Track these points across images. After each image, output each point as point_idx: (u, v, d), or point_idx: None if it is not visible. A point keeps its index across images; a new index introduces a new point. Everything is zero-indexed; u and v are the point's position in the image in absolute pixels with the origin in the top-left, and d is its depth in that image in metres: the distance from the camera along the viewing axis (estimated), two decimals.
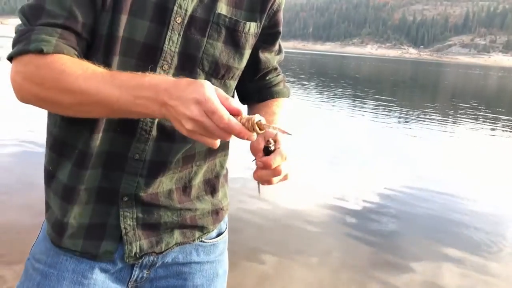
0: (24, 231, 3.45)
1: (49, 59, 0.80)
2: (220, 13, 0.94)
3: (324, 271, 3.37)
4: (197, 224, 1.04)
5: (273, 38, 1.06)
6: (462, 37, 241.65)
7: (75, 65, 0.80)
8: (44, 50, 0.79)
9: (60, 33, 0.82)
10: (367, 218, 4.53)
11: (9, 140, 6.17)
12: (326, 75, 30.02)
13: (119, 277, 0.99)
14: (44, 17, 0.83)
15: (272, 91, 1.11)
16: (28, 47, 0.80)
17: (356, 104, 15.06)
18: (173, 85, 0.74)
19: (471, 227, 4.46)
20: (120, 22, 0.86)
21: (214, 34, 0.93)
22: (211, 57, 0.94)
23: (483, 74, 57.00)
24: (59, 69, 0.79)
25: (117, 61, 0.88)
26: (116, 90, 0.77)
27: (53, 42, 0.81)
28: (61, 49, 0.81)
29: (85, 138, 0.91)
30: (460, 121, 12.45)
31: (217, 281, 1.10)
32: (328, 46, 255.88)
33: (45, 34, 0.81)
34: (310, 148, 7.28)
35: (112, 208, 0.95)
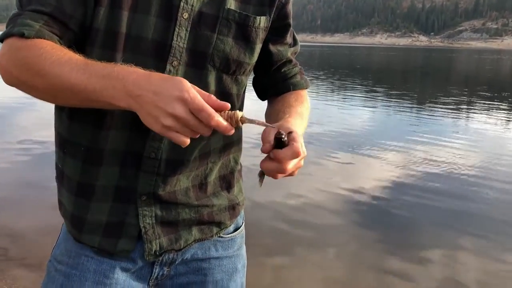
0: (41, 234, 3.50)
1: (30, 42, 0.81)
2: (230, 8, 0.93)
3: (340, 265, 3.37)
4: (215, 220, 1.04)
5: (283, 30, 1.05)
6: (473, 22, 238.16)
7: (53, 51, 0.81)
8: (25, 34, 0.81)
9: (45, 20, 0.84)
10: (382, 209, 4.50)
11: (22, 143, 6.26)
12: (337, 67, 29.86)
13: (140, 275, 1.00)
14: (34, 4, 0.85)
15: (288, 84, 1.08)
16: (12, 30, 0.83)
17: (368, 94, 14.96)
18: (143, 77, 0.75)
19: (488, 216, 4.40)
20: (121, 17, 0.87)
21: (224, 30, 0.93)
22: (221, 53, 0.94)
23: (496, 59, 56.15)
24: (37, 53, 0.80)
25: (122, 57, 0.88)
26: (85, 78, 0.77)
27: (36, 27, 0.82)
28: (42, 34, 0.82)
29: (91, 136, 0.92)
30: (476, 109, 12.29)
31: (237, 276, 1.11)
32: (337, 37, 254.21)
33: (30, 19, 0.83)
34: (322, 139, 7.26)
35: (130, 207, 0.95)
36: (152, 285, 1.03)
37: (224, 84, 0.97)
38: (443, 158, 6.41)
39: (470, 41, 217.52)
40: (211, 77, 0.95)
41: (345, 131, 8.16)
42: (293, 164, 0.82)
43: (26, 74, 0.82)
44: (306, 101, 1.08)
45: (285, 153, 0.80)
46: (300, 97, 1.07)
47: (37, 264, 3.07)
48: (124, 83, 0.75)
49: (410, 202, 4.70)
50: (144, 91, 0.74)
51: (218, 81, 0.96)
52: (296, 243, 3.64)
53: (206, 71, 0.93)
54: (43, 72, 0.80)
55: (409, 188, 5.15)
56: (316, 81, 18.01)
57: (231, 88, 0.98)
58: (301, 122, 0.96)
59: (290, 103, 1.03)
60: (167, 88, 0.73)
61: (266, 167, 0.82)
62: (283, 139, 0.80)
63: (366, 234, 3.92)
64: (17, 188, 4.65)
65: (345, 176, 5.56)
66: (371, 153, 6.66)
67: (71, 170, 0.96)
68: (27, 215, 3.94)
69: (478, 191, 5.11)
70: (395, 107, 12.01)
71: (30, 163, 5.57)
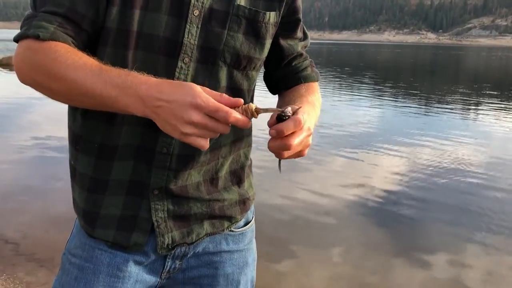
0: (51, 230, 3.55)
1: (45, 45, 0.83)
2: (240, 4, 0.94)
3: (345, 263, 3.37)
4: (226, 214, 1.05)
5: (293, 25, 1.06)
6: (483, 19, 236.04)
7: (68, 54, 0.82)
8: (40, 36, 0.82)
9: (59, 22, 0.85)
10: (388, 208, 4.49)
11: (30, 140, 6.32)
12: (344, 65, 29.75)
13: (153, 268, 1.01)
14: (48, 5, 0.86)
15: (298, 77, 1.09)
16: (28, 32, 0.84)
17: (375, 91, 14.91)
18: (155, 87, 0.77)
19: (494, 212, 4.38)
20: (133, 16, 0.87)
21: (235, 26, 0.94)
22: (232, 49, 0.94)
23: (506, 57, 55.63)
24: (52, 56, 0.82)
25: (133, 55, 0.89)
26: (101, 84, 0.79)
27: (50, 29, 0.83)
28: (57, 36, 0.84)
29: (104, 132, 0.93)
30: (484, 108, 12.21)
31: (247, 269, 1.13)
32: (345, 34, 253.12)
33: (44, 21, 0.84)
34: (327, 137, 7.25)
35: (143, 201, 0.96)
36: (164, 278, 1.04)
37: (235, 79, 0.98)
38: (451, 157, 6.39)
39: (479, 38, 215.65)
40: (222, 73, 0.95)
41: (350, 129, 8.14)
42: (298, 140, 0.81)
43: (42, 77, 0.84)
44: (318, 92, 1.07)
45: (286, 125, 0.79)
46: (311, 87, 1.07)
47: (48, 259, 3.11)
48: (138, 93, 0.77)
49: (416, 201, 4.69)
50: (158, 101, 0.76)
51: (229, 76, 0.96)
52: (301, 241, 3.65)
53: (217, 67, 0.94)
54: (59, 75, 0.81)
55: (416, 187, 5.14)
56: (323, 79, 17.96)
57: (242, 84, 0.99)
58: (312, 110, 0.96)
59: (301, 93, 1.03)
60: (179, 96, 0.75)
61: (270, 146, 0.82)
62: (283, 117, 0.80)
63: (372, 233, 3.92)
64: (28, 184, 4.70)
65: (351, 174, 5.56)
66: (377, 151, 6.64)
67: (83, 166, 0.97)
68: (38, 210, 3.98)
69: (486, 189, 5.08)
70: (402, 105, 11.96)
71: (43, 159, 5.63)
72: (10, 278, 2.88)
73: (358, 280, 3.14)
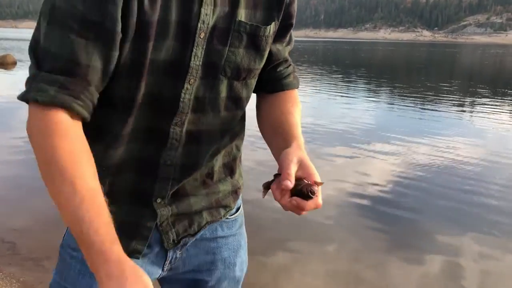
0: (48, 229, 3.53)
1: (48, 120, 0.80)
2: (241, 20, 0.94)
3: (341, 261, 3.38)
4: (222, 204, 1.10)
5: (285, 30, 1.06)
6: (478, 17, 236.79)
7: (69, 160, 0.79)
8: (38, 100, 0.79)
9: (61, 82, 0.80)
10: (383, 205, 4.50)
11: (26, 139, 6.29)
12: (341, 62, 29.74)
13: (156, 261, 1.04)
14: (48, 61, 0.81)
15: (282, 84, 1.11)
16: (27, 95, 0.81)
17: (371, 89, 14.94)
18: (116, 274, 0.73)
19: (490, 211, 4.39)
20: (147, 49, 0.87)
21: (236, 42, 0.95)
22: (233, 64, 0.96)
23: (500, 54, 55.83)
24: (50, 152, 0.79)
25: (144, 81, 0.89)
26: (85, 227, 0.76)
27: (49, 93, 0.79)
28: (58, 101, 0.80)
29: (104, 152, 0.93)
30: (479, 105, 12.25)
31: (241, 251, 1.18)
32: (340, 32, 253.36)
33: (44, 83, 0.80)
34: (324, 134, 7.27)
35: (145, 209, 0.98)
36: (166, 269, 1.07)
37: (235, 90, 1.00)
38: (446, 154, 6.41)
39: (474, 36, 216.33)
40: (223, 86, 0.97)
41: (347, 127, 8.16)
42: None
43: (38, 159, 0.83)
44: (299, 102, 1.12)
45: (308, 205, 0.87)
46: (294, 99, 1.11)
47: (44, 257, 3.10)
48: (97, 269, 0.75)
49: (412, 198, 4.71)
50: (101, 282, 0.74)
51: (229, 88, 0.98)
52: (298, 238, 3.65)
53: (218, 81, 0.96)
54: (52, 178, 0.81)
55: (412, 183, 5.15)
56: (318, 77, 17.99)
57: (241, 93, 1.01)
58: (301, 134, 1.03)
59: (289, 110, 1.07)
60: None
61: (283, 205, 0.88)
62: (308, 192, 0.85)
63: (368, 229, 3.93)
64: (23, 183, 4.69)
65: (346, 172, 5.57)
66: (374, 149, 6.66)
67: None
68: (34, 210, 3.97)
69: (482, 186, 5.10)
70: (396, 103, 11.99)
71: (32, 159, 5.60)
72: (6, 277, 2.88)
73: (354, 276, 3.15)
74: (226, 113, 1.00)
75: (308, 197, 0.85)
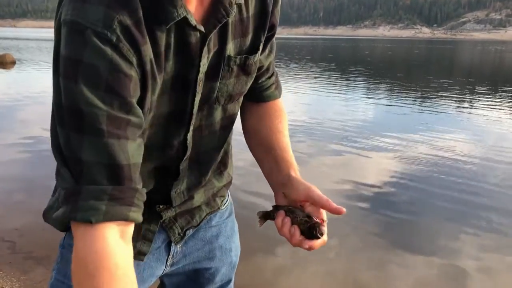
0: (48, 228, 3.52)
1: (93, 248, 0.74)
2: (230, 55, 0.94)
3: (341, 259, 3.38)
4: (218, 195, 1.15)
5: (268, 40, 1.05)
6: (477, 13, 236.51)
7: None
8: (92, 221, 0.74)
9: (109, 194, 0.76)
10: (382, 205, 4.50)
11: (25, 139, 6.31)
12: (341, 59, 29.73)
13: (159, 256, 1.06)
14: (86, 172, 0.76)
15: (264, 95, 1.13)
16: (76, 215, 0.75)
17: (370, 86, 14.93)
18: None
19: (490, 209, 4.39)
20: (152, 104, 0.86)
21: (227, 75, 0.95)
22: (225, 93, 0.97)
23: (499, 50, 55.76)
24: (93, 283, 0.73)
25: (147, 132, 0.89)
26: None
27: (102, 209, 0.75)
28: (111, 217, 0.75)
29: None
30: (479, 101, 12.25)
31: (235, 237, 1.24)
32: (339, 30, 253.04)
33: (92, 199, 0.75)
34: (322, 133, 7.27)
35: (149, 212, 0.97)
36: (169, 264, 1.09)
37: (228, 111, 1.02)
38: (447, 151, 6.41)
39: (473, 32, 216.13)
40: (217, 112, 0.99)
41: (345, 125, 8.15)
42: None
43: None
44: (285, 114, 1.15)
45: (318, 244, 0.90)
46: (280, 112, 1.14)
47: (44, 257, 3.11)
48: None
49: (411, 196, 4.71)
50: None
51: (223, 111, 1.00)
52: None
53: (212, 110, 0.97)
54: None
55: (411, 181, 5.15)
56: (316, 74, 17.98)
57: (234, 110, 1.03)
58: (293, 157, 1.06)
59: (278, 128, 1.09)
60: None
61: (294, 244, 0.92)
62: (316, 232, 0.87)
63: (367, 228, 3.93)
64: (23, 183, 4.69)
65: (345, 170, 5.58)
66: (372, 147, 6.66)
67: None
68: (34, 209, 3.97)
69: (482, 186, 5.10)
70: (395, 100, 11.98)
71: (39, 157, 5.61)
72: (7, 276, 2.89)
73: (353, 275, 3.15)
74: (222, 132, 1.02)
75: (317, 238, 0.86)
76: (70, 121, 0.76)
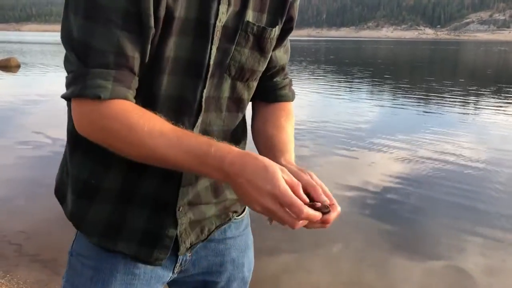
0: (54, 230, 3.55)
1: (113, 110, 0.82)
2: (249, 21, 0.95)
3: (345, 260, 3.38)
4: (230, 210, 1.12)
5: (285, 34, 1.07)
6: (480, 14, 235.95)
7: (141, 121, 0.82)
8: (101, 97, 0.80)
9: (114, 76, 0.82)
10: (386, 203, 4.50)
11: (31, 141, 6.34)
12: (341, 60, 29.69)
13: (166, 264, 1.04)
14: (94, 57, 0.82)
15: (276, 94, 1.13)
16: (85, 92, 0.81)
17: (374, 88, 14.92)
18: (239, 161, 0.79)
19: (496, 210, 4.38)
20: (169, 43, 0.88)
21: (242, 42, 0.96)
22: (237, 63, 0.97)
23: (504, 51, 55.55)
24: (126, 123, 0.81)
25: (165, 79, 0.90)
26: (182, 155, 0.81)
27: (109, 87, 0.81)
28: (117, 94, 0.82)
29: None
30: (483, 103, 12.22)
31: (249, 251, 1.20)
32: (343, 31, 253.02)
33: (99, 78, 0.81)
34: (326, 134, 7.27)
35: (166, 219, 0.98)
36: (176, 272, 1.07)
37: (237, 90, 1.01)
38: (450, 153, 6.39)
39: (477, 33, 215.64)
40: (226, 85, 0.98)
41: (349, 126, 8.15)
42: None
43: (116, 142, 0.84)
44: (292, 117, 1.13)
45: (333, 217, 0.89)
46: (289, 114, 1.12)
47: (51, 259, 3.13)
48: (222, 165, 0.80)
49: (416, 197, 4.70)
50: (239, 178, 0.79)
51: (232, 88, 0.99)
52: (301, 238, 3.66)
53: (221, 80, 0.97)
54: (135, 143, 0.82)
55: (415, 183, 5.14)
56: (320, 76, 17.97)
57: (243, 94, 1.02)
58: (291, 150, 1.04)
59: (282, 125, 1.08)
60: (260, 180, 0.78)
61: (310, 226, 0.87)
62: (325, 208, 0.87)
63: (371, 229, 3.93)
64: (29, 185, 4.72)
65: (349, 171, 5.58)
66: (376, 148, 6.65)
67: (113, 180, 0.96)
68: (41, 211, 4.00)
69: (486, 185, 5.09)
70: (398, 101, 11.96)
71: (44, 159, 5.64)
72: (13, 279, 2.90)
73: (358, 275, 3.15)
74: (227, 113, 1.01)
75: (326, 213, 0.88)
76: (86, 9, 0.81)
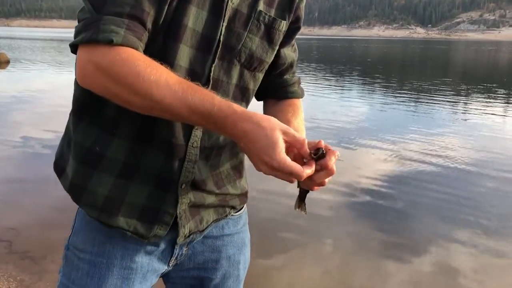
0: (44, 227, 3.53)
1: (122, 55, 0.82)
2: (261, 10, 1.00)
3: (336, 258, 3.39)
4: (229, 204, 1.12)
5: (293, 32, 1.10)
6: (471, 14, 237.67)
7: (148, 69, 0.82)
8: (113, 41, 0.81)
9: (127, 24, 0.83)
10: (377, 201, 4.53)
11: (22, 138, 6.28)
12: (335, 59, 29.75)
13: (161, 257, 1.05)
14: (110, 5, 0.83)
15: (286, 91, 1.14)
16: (97, 36, 0.81)
17: (365, 87, 14.97)
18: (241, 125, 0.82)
19: (483, 210, 4.42)
20: (187, 11, 0.90)
21: (254, 29, 0.99)
22: (248, 50, 1.00)
23: (494, 50, 56.06)
24: (135, 71, 0.81)
25: (180, 48, 0.91)
26: (186, 110, 0.82)
27: (121, 33, 0.82)
28: (128, 41, 0.83)
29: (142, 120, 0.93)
30: (472, 101, 12.31)
31: (245, 249, 1.20)
32: (334, 30, 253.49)
33: (113, 25, 0.82)
34: (316, 133, 7.27)
35: (167, 195, 0.98)
36: (171, 265, 1.08)
37: (244, 79, 1.03)
38: (438, 151, 6.44)
39: (467, 33, 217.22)
40: (235, 71, 1.00)
41: (339, 125, 8.17)
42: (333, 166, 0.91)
43: (122, 90, 0.83)
44: (301, 112, 1.14)
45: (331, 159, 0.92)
46: (297, 109, 1.13)
47: (41, 256, 3.10)
48: (224, 126, 0.82)
49: (405, 195, 4.73)
50: (240, 141, 0.83)
51: (240, 75, 1.01)
52: (291, 237, 3.67)
53: (231, 65, 0.99)
54: (142, 92, 0.82)
55: (405, 181, 5.18)
56: (310, 74, 18.00)
57: (249, 84, 1.04)
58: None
59: (288, 120, 1.08)
60: (259, 149, 0.81)
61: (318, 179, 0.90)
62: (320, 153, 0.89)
63: (362, 228, 3.95)
64: (19, 182, 4.68)
65: (340, 169, 5.56)
66: (365, 147, 6.69)
67: (117, 150, 0.96)
68: (31, 208, 3.97)
69: (475, 184, 5.14)
70: (388, 100, 12.02)
71: (35, 156, 5.60)
72: (3, 276, 2.88)
73: (348, 274, 3.16)
74: (233, 101, 0.98)
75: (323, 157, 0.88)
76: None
